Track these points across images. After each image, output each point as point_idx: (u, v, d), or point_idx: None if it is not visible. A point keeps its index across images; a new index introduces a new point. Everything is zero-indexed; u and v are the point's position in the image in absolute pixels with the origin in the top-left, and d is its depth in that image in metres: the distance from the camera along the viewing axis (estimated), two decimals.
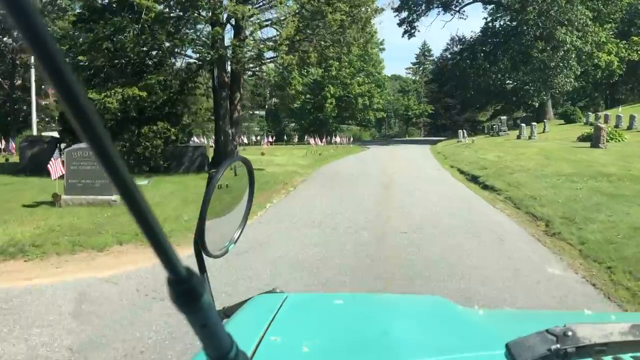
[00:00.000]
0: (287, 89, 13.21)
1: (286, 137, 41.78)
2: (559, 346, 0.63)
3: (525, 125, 27.38)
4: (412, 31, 41.46)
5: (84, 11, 11.07)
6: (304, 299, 1.27)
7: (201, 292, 0.38)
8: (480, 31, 41.53)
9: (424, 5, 40.89)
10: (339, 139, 30.85)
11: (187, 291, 0.37)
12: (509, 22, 39.14)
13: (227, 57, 10.49)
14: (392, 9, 40.08)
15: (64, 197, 7.22)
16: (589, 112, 32.61)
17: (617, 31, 41.39)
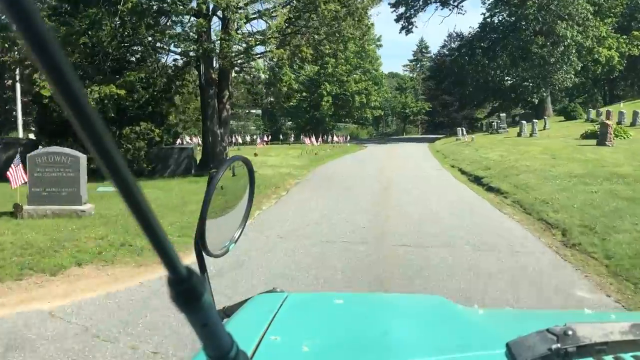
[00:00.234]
0: (278, 85, 12.44)
1: (282, 136, 41.03)
2: (559, 345, 0.62)
3: (525, 122, 26.71)
4: (410, 27, 40.69)
5: (60, 3, 10.29)
6: (304, 298, 1.26)
7: (201, 291, 0.38)
8: (478, 27, 40.78)
9: (421, 0, 40.15)
10: (336, 138, 30.06)
11: (187, 291, 0.37)
12: (508, 17, 38.41)
13: (212, 51, 9.73)
14: (389, 4, 39.38)
15: (26, 208, 6.48)
16: (590, 109, 32.00)
17: (617, 26, 40.74)
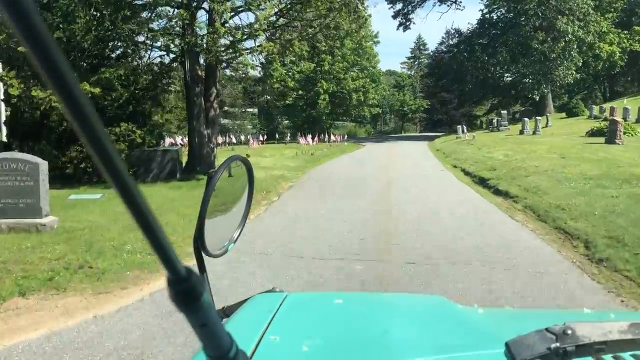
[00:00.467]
0: (269, 81, 11.68)
1: (279, 135, 40.29)
2: (558, 345, 0.62)
3: (528, 119, 26.02)
4: (407, 23, 39.95)
5: None
6: (303, 298, 1.25)
7: (201, 291, 0.38)
8: (477, 23, 40.08)
9: None
10: (333, 137, 29.28)
11: (187, 290, 0.37)
12: (507, 12, 37.67)
13: (196, 45, 8.95)
14: (386, 0, 38.65)
15: None
16: (592, 105, 31.34)
17: (618, 21, 40.06)
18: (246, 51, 9.26)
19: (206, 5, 9.68)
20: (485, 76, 38.13)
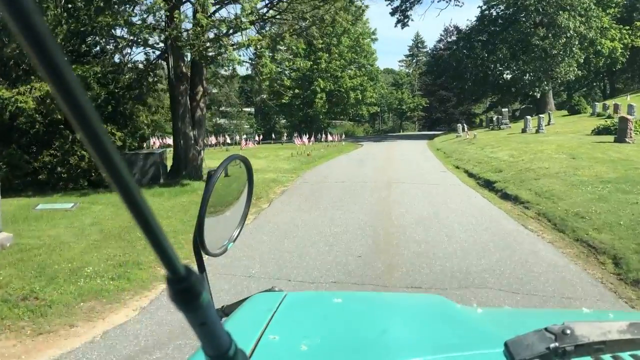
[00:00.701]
0: (257, 78, 10.98)
1: (276, 135, 39.57)
2: (557, 344, 0.62)
3: (530, 117, 25.29)
4: (406, 20, 39.14)
5: None
6: (302, 297, 1.25)
7: (200, 290, 0.38)
8: (476, 19, 39.31)
9: None
10: (330, 137, 28.51)
11: (186, 289, 0.37)
12: (506, 9, 36.94)
13: (176, 39, 8.19)
14: None
15: None
16: (596, 102, 30.68)
17: (619, 17, 39.38)
18: (233, 46, 8.52)
19: None
20: (485, 73, 37.43)
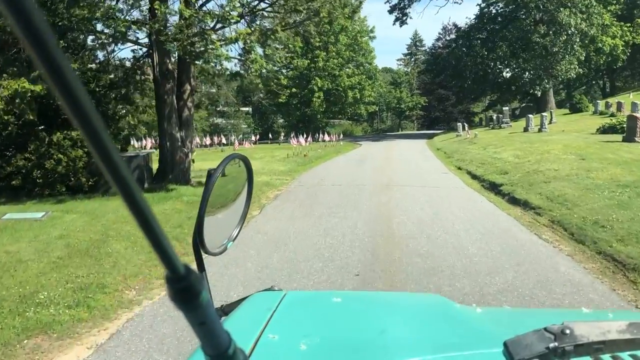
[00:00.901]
0: (247, 75, 10.40)
1: (273, 134, 38.94)
2: (556, 344, 0.62)
3: (532, 115, 24.72)
4: (404, 18, 38.55)
5: None
6: (302, 296, 1.24)
7: (199, 289, 0.37)
8: (476, 17, 38.73)
9: None
10: (328, 136, 27.89)
11: (186, 289, 0.37)
12: (505, 6, 36.36)
13: (159, 33, 7.57)
14: None
15: None
16: (598, 100, 30.14)
17: (620, 14, 38.84)
18: (220, 41, 7.93)
19: None
20: (484, 72, 36.88)
